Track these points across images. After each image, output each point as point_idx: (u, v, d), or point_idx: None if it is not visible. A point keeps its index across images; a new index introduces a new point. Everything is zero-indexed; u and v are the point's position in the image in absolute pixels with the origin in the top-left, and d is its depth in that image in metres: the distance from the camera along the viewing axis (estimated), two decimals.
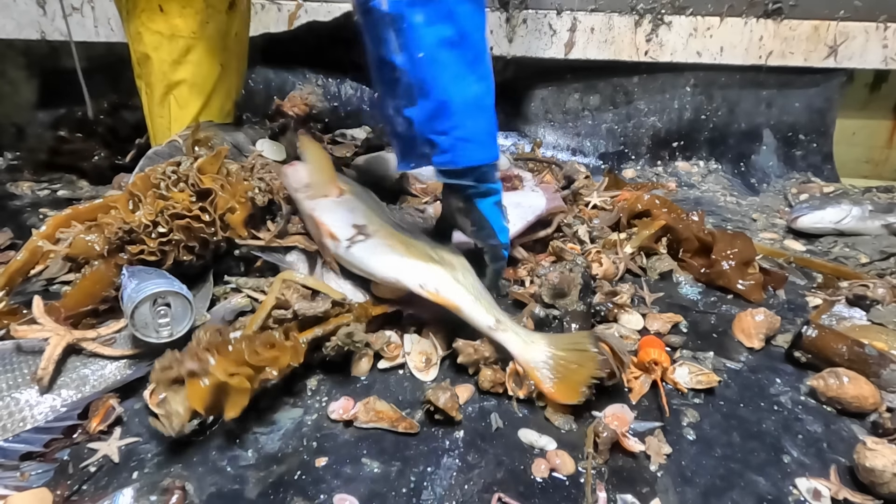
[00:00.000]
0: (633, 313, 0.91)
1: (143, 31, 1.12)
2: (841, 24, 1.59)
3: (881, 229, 1.25)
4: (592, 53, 1.64)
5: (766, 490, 0.64)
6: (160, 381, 0.66)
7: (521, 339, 0.75)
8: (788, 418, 0.74)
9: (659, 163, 1.75)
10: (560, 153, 1.74)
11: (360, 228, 0.87)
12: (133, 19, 1.13)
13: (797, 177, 1.69)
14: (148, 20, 1.11)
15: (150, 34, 1.12)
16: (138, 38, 1.14)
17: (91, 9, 1.54)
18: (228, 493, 0.62)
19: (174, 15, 1.11)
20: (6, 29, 1.53)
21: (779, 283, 1.04)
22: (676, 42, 1.63)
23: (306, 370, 0.78)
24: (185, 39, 1.13)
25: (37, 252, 0.88)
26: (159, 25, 1.11)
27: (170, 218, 0.83)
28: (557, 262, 0.95)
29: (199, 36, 1.14)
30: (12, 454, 0.64)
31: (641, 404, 0.76)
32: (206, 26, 1.15)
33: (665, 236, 1.12)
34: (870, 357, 0.78)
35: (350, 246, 0.85)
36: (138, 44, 1.15)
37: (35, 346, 0.74)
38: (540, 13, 1.60)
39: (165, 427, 0.65)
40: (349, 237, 0.86)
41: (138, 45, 1.15)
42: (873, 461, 0.62)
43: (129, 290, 0.75)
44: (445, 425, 0.71)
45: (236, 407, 0.66)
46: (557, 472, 0.65)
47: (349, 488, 0.62)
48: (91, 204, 0.94)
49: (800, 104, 1.72)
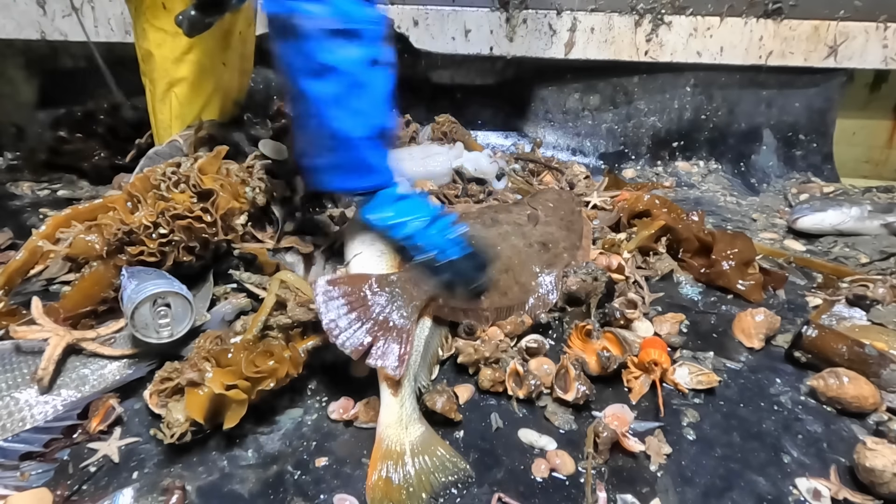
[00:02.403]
0: (643, 321, 0.91)
1: (147, 28, 1.13)
2: (841, 24, 1.59)
3: (881, 229, 1.25)
4: (592, 53, 1.64)
5: (766, 490, 0.64)
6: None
7: (399, 412, 0.68)
8: (788, 418, 0.74)
9: (659, 163, 1.75)
10: (560, 153, 1.74)
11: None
12: (139, 16, 1.14)
13: (797, 177, 1.69)
14: (152, 17, 1.12)
15: (153, 31, 1.13)
16: (143, 35, 1.14)
17: (91, 9, 1.54)
18: (228, 493, 0.62)
19: (177, 13, 1.12)
20: (6, 29, 1.53)
21: (779, 283, 1.04)
22: (676, 42, 1.63)
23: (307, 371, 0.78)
24: (187, 37, 1.13)
25: (36, 252, 0.88)
26: (163, 22, 1.12)
27: (171, 219, 0.83)
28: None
29: (203, 35, 1.14)
30: (12, 454, 0.64)
31: (641, 404, 0.76)
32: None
33: (665, 236, 1.11)
34: (870, 357, 0.78)
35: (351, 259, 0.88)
36: (143, 40, 1.15)
37: (35, 346, 0.73)
38: (540, 13, 1.60)
39: (165, 435, 0.65)
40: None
41: (143, 42, 1.15)
42: (873, 461, 0.62)
43: (129, 290, 0.75)
44: (445, 425, 0.71)
45: (234, 417, 0.67)
46: (557, 472, 0.65)
47: (349, 488, 0.62)
48: (91, 204, 0.94)
49: (800, 104, 1.72)
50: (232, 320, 0.85)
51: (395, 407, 0.68)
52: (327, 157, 0.82)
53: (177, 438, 0.64)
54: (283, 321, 0.77)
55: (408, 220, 0.83)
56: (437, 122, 1.53)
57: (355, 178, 0.84)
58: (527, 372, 0.76)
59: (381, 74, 0.80)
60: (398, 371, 0.69)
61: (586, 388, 0.73)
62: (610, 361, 0.77)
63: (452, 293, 0.83)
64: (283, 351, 0.72)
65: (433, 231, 0.83)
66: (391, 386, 0.69)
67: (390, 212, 0.84)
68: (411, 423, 0.67)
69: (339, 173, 0.83)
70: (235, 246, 0.90)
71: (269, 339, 0.76)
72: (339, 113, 0.78)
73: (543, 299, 0.89)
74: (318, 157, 0.83)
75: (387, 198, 0.85)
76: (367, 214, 0.85)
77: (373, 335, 0.71)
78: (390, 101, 0.84)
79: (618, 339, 0.81)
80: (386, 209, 0.84)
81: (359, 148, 0.81)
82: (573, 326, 0.85)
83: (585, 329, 0.82)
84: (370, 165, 0.83)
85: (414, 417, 0.68)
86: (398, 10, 1.56)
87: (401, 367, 0.69)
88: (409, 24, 1.58)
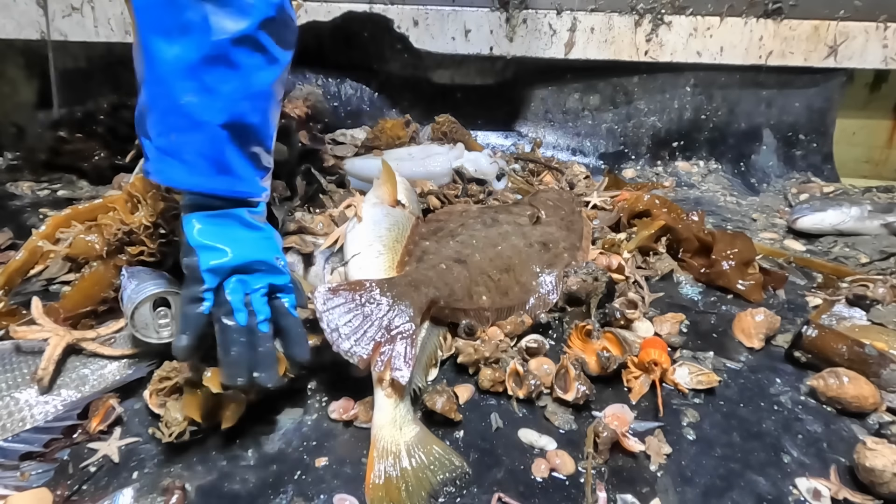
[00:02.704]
0: (644, 321, 0.91)
1: None
2: (841, 23, 1.59)
3: (881, 229, 1.25)
4: (592, 53, 1.64)
5: (766, 490, 0.64)
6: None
7: (393, 413, 0.67)
8: (788, 418, 0.74)
9: (659, 163, 1.75)
10: (560, 153, 1.74)
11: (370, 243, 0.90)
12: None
13: (797, 177, 1.69)
14: None
15: None
16: None
17: (91, 9, 1.54)
18: (228, 494, 0.62)
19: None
20: (6, 29, 1.53)
21: (779, 283, 1.04)
22: (676, 42, 1.63)
23: (306, 370, 0.78)
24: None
25: (36, 252, 0.88)
26: None
27: (171, 219, 0.83)
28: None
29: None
30: (12, 454, 0.64)
31: (641, 404, 0.76)
32: None
33: (665, 236, 1.11)
34: (870, 357, 0.78)
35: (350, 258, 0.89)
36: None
37: (35, 346, 0.74)
38: (540, 13, 1.60)
39: (164, 434, 0.65)
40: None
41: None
42: (873, 461, 0.62)
43: (129, 290, 0.75)
44: (445, 425, 0.71)
45: (232, 417, 0.67)
46: (557, 472, 0.65)
47: (349, 488, 0.62)
48: (91, 204, 0.94)
49: (800, 104, 1.72)
50: None
51: (389, 408, 0.68)
52: (169, 139, 0.65)
53: (175, 438, 0.65)
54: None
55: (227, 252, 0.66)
56: (437, 122, 1.53)
57: (203, 175, 0.67)
58: (527, 372, 0.76)
59: (260, 65, 0.68)
60: (403, 377, 0.68)
61: (586, 388, 0.73)
62: (609, 362, 0.77)
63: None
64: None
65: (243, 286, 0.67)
66: (385, 387, 0.69)
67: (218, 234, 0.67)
68: (405, 423, 0.67)
69: (183, 164, 0.66)
70: None
71: None
72: (189, 85, 0.64)
73: (544, 299, 0.89)
74: (160, 136, 0.66)
75: (229, 217, 0.69)
76: (189, 227, 0.67)
77: (376, 342, 0.71)
78: (269, 112, 0.71)
79: (618, 340, 0.81)
80: (217, 229, 0.68)
81: (213, 137, 0.66)
82: (573, 326, 0.85)
83: (585, 329, 0.82)
84: (225, 164, 0.67)
85: (408, 419, 0.68)
86: (398, 10, 1.56)
87: (405, 372, 0.69)
88: (409, 24, 1.58)
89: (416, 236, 0.95)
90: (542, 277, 0.91)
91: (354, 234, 0.92)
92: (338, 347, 0.69)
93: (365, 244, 0.90)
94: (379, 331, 0.72)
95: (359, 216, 0.95)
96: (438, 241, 0.94)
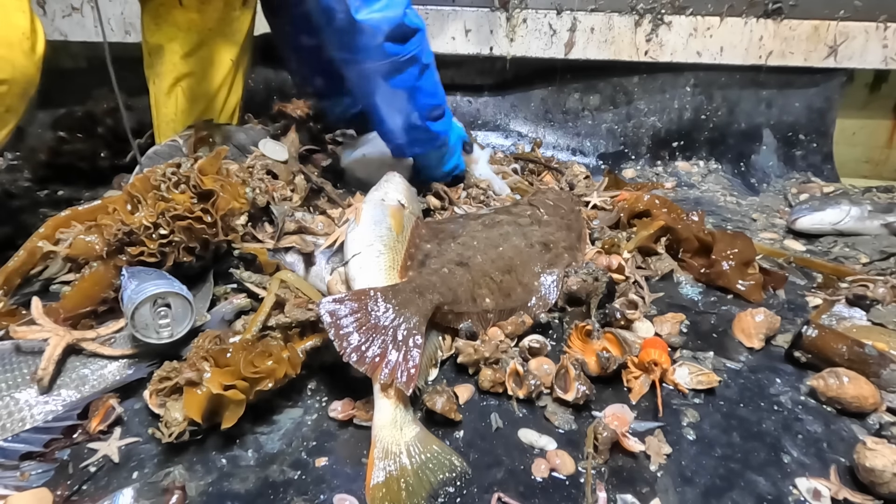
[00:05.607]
0: (644, 321, 0.91)
1: (159, 22, 1.14)
2: (841, 24, 1.59)
3: (881, 229, 1.25)
4: (592, 53, 1.64)
5: (766, 490, 0.64)
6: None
7: (393, 413, 0.67)
8: (788, 418, 0.74)
9: (659, 163, 1.75)
10: (560, 153, 1.74)
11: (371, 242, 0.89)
12: (151, 10, 1.14)
13: (797, 177, 1.69)
14: (166, 12, 1.13)
15: (167, 25, 1.14)
16: (154, 29, 1.15)
17: (91, 9, 1.54)
18: (228, 494, 0.62)
19: (192, 10, 1.13)
20: None
21: (779, 283, 1.04)
22: (676, 42, 1.63)
23: (306, 370, 0.78)
24: (199, 34, 1.15)
25: (36, 252, 0.88)
26: (177, 18, 1.13)
27: (171, 219, 0.83)
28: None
29: (215, 32, 1.16)
30: (12, 454, 0.64)
31: (641, 404, 0.76)
32: (221, 23, 1.16)
33: (665, 236, 1.12)
34: (870, 357, 0.78)
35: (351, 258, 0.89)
36: (152, 34, 1.16)
37: (35, 346, 0.74)
38: (540, 13, 1.60)
39: (163, 434, 0.65)
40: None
41: (152, 36, 1.16)
42: (873, 461, 0.62)
43: (129, 290, 0.75)
44: (445, 425, 0.71)
45: (232, 418, 0.67)
46: (557, 472, 0.65)
47: (349, 488, 0.62)
48: (91, 205, 0.94)
49: (800, 104, 1.72)
50: (232, 320, 0.85)
51: (389, 408, 0.67)
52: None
53: (175, 438, 0.65)
54: (283, 320, 0.77)
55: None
56: None
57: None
58: (527, 372, 0.76)
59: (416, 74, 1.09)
60: (409, 386, 0.68)
61: (586, 388, 0.73)
62: (609, 362, 0.77)
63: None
64: (282, 351, 0.71)
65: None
66: (385, 388, 0.69)
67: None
68: (406, 423, 0.67)
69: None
70: (235, 246, 0.90)
71: (269, 339, 0.76)
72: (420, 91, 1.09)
73: (544, 299, 0.89)
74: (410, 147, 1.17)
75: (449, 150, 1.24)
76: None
77: (383, 350, 0.70)
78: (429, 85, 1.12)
79: (618, 340, 0.81)
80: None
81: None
82: (573, 326, 0.85)
83: (585, 329, 0.82)
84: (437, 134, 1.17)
85: (408, 419, 0.68)
86: None
87: (412, 381, 0.69)
88: None
89: (417, 238, 0.95)
90: (544, 278, 0.91)
91: (355, 233, 0.92)
92: (347, 358, 0.69)
93: (365, 244, 0.90)
94: (385, 340, 0.71)
95: (358, 217, 0.95)
96: (440, 243, 0.94)
